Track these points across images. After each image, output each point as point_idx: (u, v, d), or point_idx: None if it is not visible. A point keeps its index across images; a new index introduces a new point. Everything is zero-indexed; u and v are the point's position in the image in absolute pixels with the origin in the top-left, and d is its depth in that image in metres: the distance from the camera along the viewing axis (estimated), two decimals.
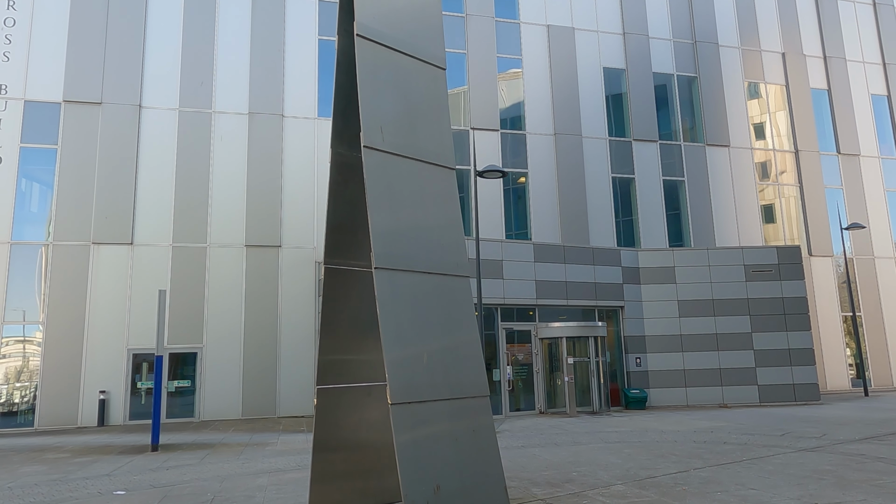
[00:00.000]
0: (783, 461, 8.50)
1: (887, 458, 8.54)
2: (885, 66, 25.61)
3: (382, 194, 5.27)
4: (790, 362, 17.67)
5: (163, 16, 18.26)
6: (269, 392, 17.04)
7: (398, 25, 5.89)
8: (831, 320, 22.52)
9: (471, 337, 5.62)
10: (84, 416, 15.81)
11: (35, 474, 9.15)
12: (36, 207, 16.92)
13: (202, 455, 10.60)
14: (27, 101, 16.93)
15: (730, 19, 24.17)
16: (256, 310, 17.38)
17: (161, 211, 17.29)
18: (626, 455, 9.29)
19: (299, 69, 19.08)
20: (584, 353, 16.78)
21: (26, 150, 16.80)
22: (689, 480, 7.37)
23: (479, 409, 5.45)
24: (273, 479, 8.20)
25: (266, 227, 17.86)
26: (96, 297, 16.41)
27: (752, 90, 24.06)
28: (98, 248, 16.67)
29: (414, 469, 4.68)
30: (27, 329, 16.24)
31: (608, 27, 22.64)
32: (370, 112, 5.36)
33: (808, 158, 23.76)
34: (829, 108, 24.65)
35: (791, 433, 11.29)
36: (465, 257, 5.86)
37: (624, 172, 21.75)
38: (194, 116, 18.00)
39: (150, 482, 8.26)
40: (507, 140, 20.81)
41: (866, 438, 10.42)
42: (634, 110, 22.16)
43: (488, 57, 21.07)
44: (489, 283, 15.96)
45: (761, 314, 17.86)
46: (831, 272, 23.01)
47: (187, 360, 16.86)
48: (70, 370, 15.93)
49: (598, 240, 20.58)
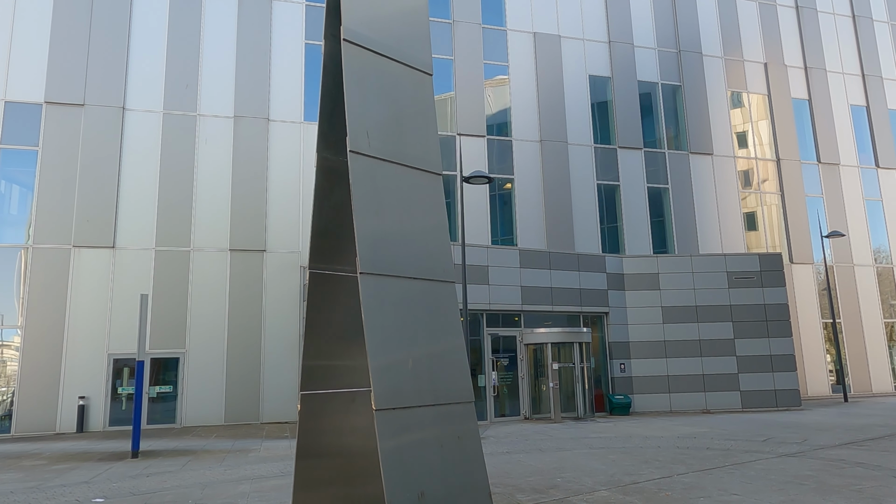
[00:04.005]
0: (765, 467, 8.57)
1: (867, 463, 8.65)
2: (864, 77, 26.10)
3: (368, 199, 5.25)
4: (772, 368, 17.86)
5: (148, 17, 18.12)
6: (252, 398, 16.88)
7: (385, 30, 5.89)
8: (812, 327, 22.82)
9: (456, 343, 5.60)
10: (63, 422, 15.56)
11: (11, 482, 8.97)
12: (16, 210, 16.66)
13: (184, 462, 10.46)
14: (7, 101, 16.70)
15: (713, 29, 24.51)
16: (240, 314, 17.23)
17: (144, 214, 17.10)
18: (610, 461, 9.32)
19: (285, 73, 19.02)
20: (569, 359, 16.83)
21: (6, 152, 16.56)
22: (672, 486, 7.41)
23: (464, 416, 5.43)
24: (256, 486, 8.11)
25: (251, 231, 17.74)
26: (77, 301, 16.18)
27: (734, 99, 24.39)
28: (79, 251, 16.44)
29: (398, 475, 4.65)
30: (5, 333, 15.97)
31: (594, 35, 22.84)
32: (356, 117, 5.34)
33: (790, 167, 24.11)
34: (810, 117, 25.05)
35: (773, 439, 11.39)
36: (450, 263, 5.85)
37: (609, 179, 21.91)
38: (179, 119, 17.85)
39: (130, 489, 8.13)
40: (494, 146, 20.89)
41: (846, 444, 10.55)
42: (619, 118, 22.35)
43: (475, 63, 21.15)
44: (475, 289, 15.97)
45: (744, 320, 18.05)
46: (812, 279, 23.33)
47: (169, 366, 16.66)
48: (49, 375, 15.67)
49: (584, 246, 20.70)
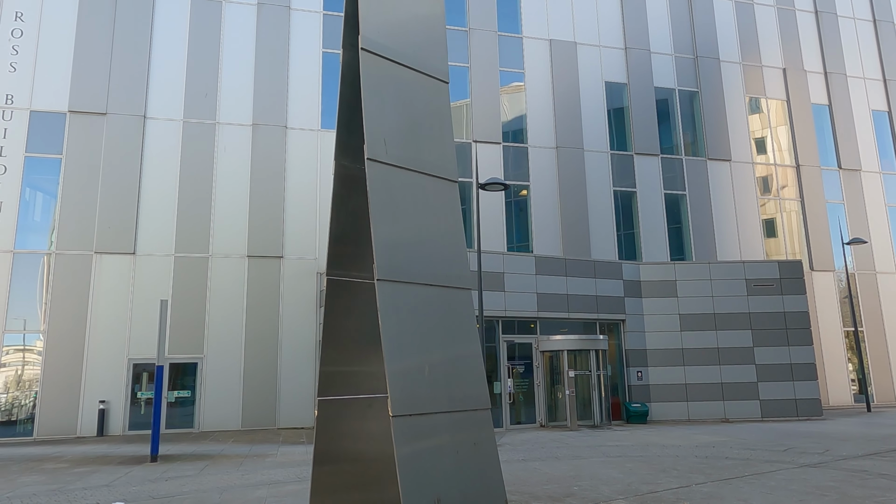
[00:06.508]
0: (786, 477, 8.45)
1: (890, 474, 8.49)
2: (885, 81, 25.74)
3: (385, 206, 5.29)
4: (792, 377, 17.60)
5: (168, 28, 18.43)
6: (269, 403, 16.99)
7: (402, 39, 5.95)
8: (833, 335, 22.46)
9: (472, 349, 5.61)
10: (83, 426, 15.77)
11: (34, 484, 9.12)
12: (39, 217, 16.98)
13: (201, 466, 10.56)
14: (33, 111, 17.05)
15: (731, 35, 24.34)
16: (257, 320, 17.38)
17: (164, 221, 17.34)
18: (627, 469, 9.24)
19: (303, 81, 19.22)
20: (586, 367, 16.73)
21: (31, 160, 16.90)
22: (691, 496, 7.33)
23: (480, 422, 5.43)
24: (273, 491, 8.16)
25: (268, 238, 17.90)
26: (98, 307, 16.43)
27: (753, 105, 24.17)
28: (100, 257, 16.71)
29: (414, 482, 4.66)
30: (28, 338, 16.24)
31: (610, 42, 22.80)
32: (374, 124, 5.40)
33: (810, 173, 23.82)
34: (830, 123, 24.74)
35: (793, 448, 11.22)
36: (466, 269, 5.87)
37: (625, 186, 21.80)
38: (198, 127, 18.10)
39: (150, 493, 8.23)
40: (509, 153, 20.90)
41: (869, 455, 10.36)
42: (636, 124, 22.26)
43: (491, 70, 21.21)
44: (490, 296, 15.95)
45: (763, 328, 17.82)
46: (833, 287, 22.98)
47: (187, 371, 16.83)
48: (70, 379, 15.91)
49: (600, 253, 20.59)
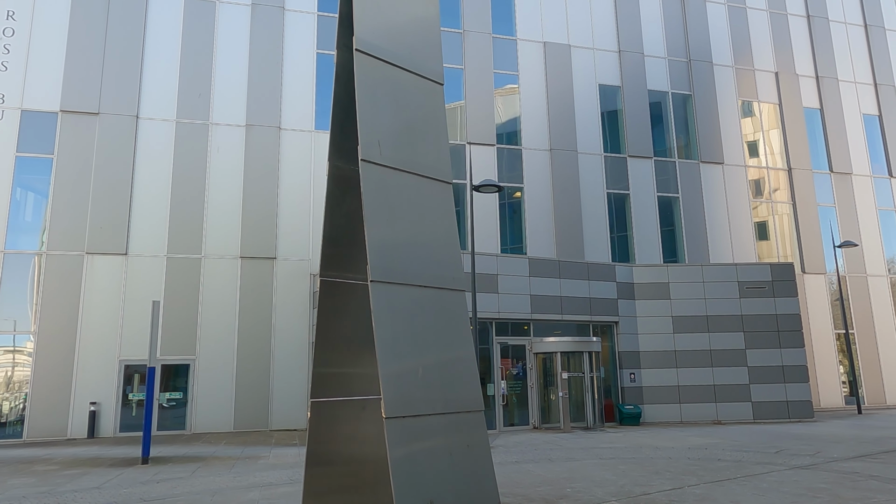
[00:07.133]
0: (777, 479, 8.48)
1: (881, 476, 8.54)
2: (876, 86, 25.95)
3: (379, 207, 5.29)
4: (784, 379, 17.69)
5: (162, 27, 18.35)
6: (261, 405, 16.92)
7: (397, 41, 5.94)
8: (824, 337, 22.59)
9: (466, 351, 5.61)
10: (74, 428, 15.66)
11: (23, 486, 9.04)
12: (30, 216, 16.87)
13: (193, 468, 10.50)
14: (24, 110, 16.94)
15: (724, 38, 24.48)
16: (250, 322, 17.31)
17: (156, 221, 17.25)
18: (620, 471, 9.26)
19: (297, 82, 19.17)
20: (579, 369, 16.76)
21: (22, 160, 16.78)
22: (683, 497, 7.35)
23: (473, 424, 5.43)
24: (265, 493, 8.13)
25: (261, 239, 17.84)
26: (89, 308, 16.32)
27: (745, 108, 24.31)
28: (92, 258, 16.60)
29: (408, 484, 4.65)
30: (18, 339, 16.12)
31: (604, 45, 22.88)
32: (368, 126, 5.39)
33: (801, 176, 23.97)
34: (822, 126, 24.91)
35: (785, 450, 11.28)
36: (460, 271, 5.87)
37: (619, 188, 21.87)
38: (191, 128, 18.03)
39: (141, 495, 8.17)
40: (503, 155, 20.93)
41: (860, 456, 10.42)
42: (629, 127, 22.34)
43: (485, 73, 21.24)
44: (484, 298, 15.95)
45: (755, 331, 17.90)
46: (824, 289, 23.12)
47: (179, 372, 16.74)
48: (61, 381, 15.79)
49: (593, 255, 20.64)
